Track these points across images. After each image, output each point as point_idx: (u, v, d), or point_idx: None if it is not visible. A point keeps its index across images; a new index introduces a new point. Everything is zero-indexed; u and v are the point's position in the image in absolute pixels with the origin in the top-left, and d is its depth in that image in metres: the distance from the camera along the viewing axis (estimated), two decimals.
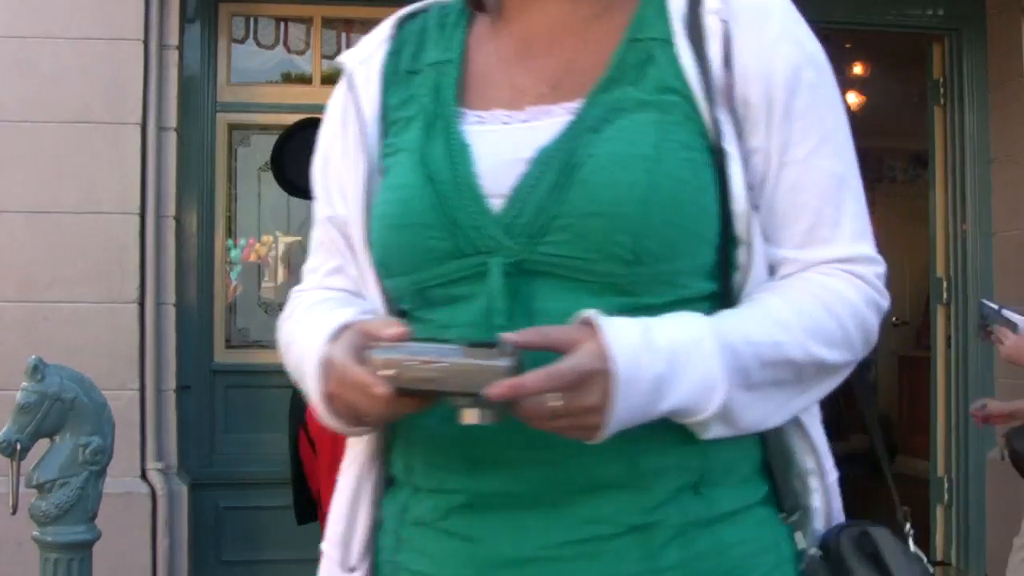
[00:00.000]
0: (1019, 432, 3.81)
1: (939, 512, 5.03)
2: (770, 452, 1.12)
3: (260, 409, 4.68)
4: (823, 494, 1.15)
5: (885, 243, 1.26)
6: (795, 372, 1.08)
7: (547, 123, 1.09)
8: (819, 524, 1.14)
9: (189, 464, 4.43)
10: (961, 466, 5.04)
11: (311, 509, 3.81)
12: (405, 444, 1.14)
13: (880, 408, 8.62)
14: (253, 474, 4.57)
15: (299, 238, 4.88)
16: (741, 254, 1.09)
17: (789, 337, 1.06)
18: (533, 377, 0.94)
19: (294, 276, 4.91)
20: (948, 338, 5.16)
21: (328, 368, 1.07)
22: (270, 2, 4.82)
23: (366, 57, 1.22)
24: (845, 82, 8.19)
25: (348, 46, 4.89)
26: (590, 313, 0.99)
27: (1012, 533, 4.77)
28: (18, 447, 3.04)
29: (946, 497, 5.11)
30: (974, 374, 5.05)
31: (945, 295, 5.15)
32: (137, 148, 4.21)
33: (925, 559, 1.19)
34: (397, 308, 1.15)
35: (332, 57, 4.88)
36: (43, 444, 3.15)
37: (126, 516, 4.00)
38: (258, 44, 4.84)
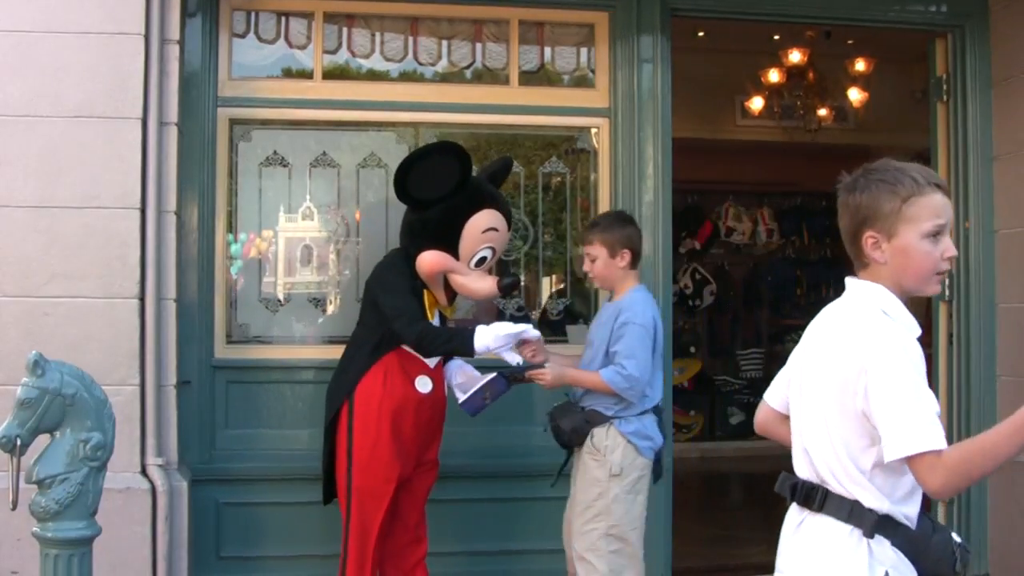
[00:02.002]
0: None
1: (940, 511, 5.00)
2: None
3: (261, 405, 4.67)
4: None
5: None
6: None
7: None
8: None
9: (189, 460, 4.42)
10: None
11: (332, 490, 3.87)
12: None
13: None
14: (253, 470, 4.56)
15: (299, 234, 4.87)
16: None
17: None
18: None
19: (295, 272, 4.90)
20: (950, 336, 5.15)
21: None
22: None
23: None
24: (847, 79, 8.19)
25: (350, 41, 4.88)
26: None
27: (1014, 533, 4.77)
28: (18, 443, 3.04)
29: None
30: (976, 371, 5.04)
31: (947, 292, 5.13)
32: (138, 143, 4.20)
33: None
34: None
35: (334, 52, 4.87)
36: (43, 440, 3.14)
37: (126, 512, 3.99)
38: (259, 39, 4.82)
